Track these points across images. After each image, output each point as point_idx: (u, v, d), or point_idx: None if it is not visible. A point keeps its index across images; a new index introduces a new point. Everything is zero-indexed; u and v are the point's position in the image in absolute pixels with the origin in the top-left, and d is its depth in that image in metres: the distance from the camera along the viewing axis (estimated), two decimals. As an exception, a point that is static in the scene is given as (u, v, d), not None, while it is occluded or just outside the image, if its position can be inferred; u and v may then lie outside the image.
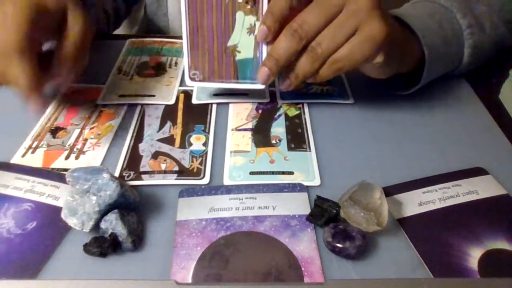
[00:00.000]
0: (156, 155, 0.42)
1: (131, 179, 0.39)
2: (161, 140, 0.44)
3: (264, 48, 0.42)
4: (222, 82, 0.45)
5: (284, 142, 0.43)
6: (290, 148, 0.43)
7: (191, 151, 0.43)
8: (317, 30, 0.38)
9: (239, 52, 0.43)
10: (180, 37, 0.62)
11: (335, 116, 0.47)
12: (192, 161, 0.41)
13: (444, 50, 0.46)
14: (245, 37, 0.42)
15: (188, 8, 0.42)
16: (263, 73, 0.41)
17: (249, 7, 0.41)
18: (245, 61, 0.43)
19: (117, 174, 0.40)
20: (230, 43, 0.43)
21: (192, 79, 0.45)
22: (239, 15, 0.41)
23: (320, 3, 0.38)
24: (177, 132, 0.45)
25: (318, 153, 0.42)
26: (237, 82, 0.45)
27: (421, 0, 0.51)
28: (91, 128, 0.45)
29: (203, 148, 0.43)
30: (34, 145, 0.43)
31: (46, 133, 0.45)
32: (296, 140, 0.44)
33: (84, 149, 0.43)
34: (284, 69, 0.41)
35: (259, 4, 0.40)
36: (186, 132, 0.45)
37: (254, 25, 0.42)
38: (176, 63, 0.57)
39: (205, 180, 0.39)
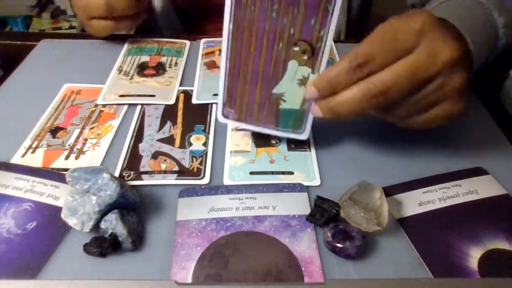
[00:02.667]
0: (156, 155, 0.42)
1: (131, 179, 0.39)
2: (161, 140, 0.44)
3: (314, 102, 0.37)
4: (259, 126, 0.41)
5: (284, 142, 0.43)
6: (290, 148, 0.43)
7: (191, 151, 0.43)
8: (401, 98, 0.34)
9: (284, 101, 0.39)
10: (180, 37, 0.63)
11: (335, 116, 0.47)
12: (192, 161, 0.41)
13: (485, 52, 0.44)
14: (294, 88, 0.38)
15: (231, 46, 0.37)
16: (314, 111, 0.37)
17: (305, 57, 0.36)
18: (289, 111, 0.39)
19: (117, 174, 0.40)
20: (275, 91, 0.38)
21: (225, 116, 0.41)
22: (292, 64, 0.37)
23: (411, 70, 0.32)
24: (177, 132, 0.45)
25: (318, 153, 0.42)
26: (277, 130, 0.41)
27: None
28: (91, 128, 0.45)
29: (203, 148, 0.43)
30: (34, 145, 0.43)
31: (46, 133, 0.45)
32: (296, 140, 0.44)
33: (84, 149, 0.43)
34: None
35: (317, 57, 0.36)
36: (186, 132, 0.45)
37: (308, 77, 0.37)
38: (176, 63, 0.57)
39: (205, 180, 0.39)
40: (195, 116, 0.47)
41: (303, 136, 0.41)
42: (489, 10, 0.45)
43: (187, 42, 0.62)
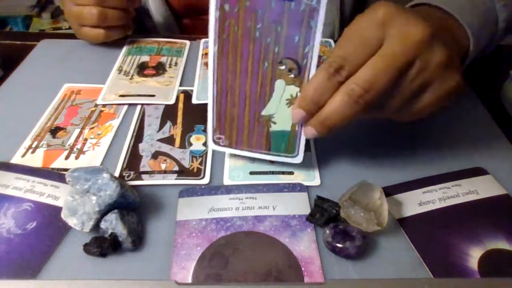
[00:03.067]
0: (156, 155, 0.42)
1: (131, 179, 0.39)
2: (161, 140, 0.44)
3: None
4: (251, 151, 0.39)
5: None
6: (290, 148, 0.43)
7: (191, 151, 0.43)
8: (385, 93, 0.33)
9: (274, 123, 0.37)
10: (180, 37, 0.63)
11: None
12: (192, 161, 0.41)
13: (480, 29, 0.42)
14: (283, 108, 0.36)
15: (217, 67, 0.36)
16: (307, 133, 0.36)
17: (292, 76, 0.35)
18: (280, 133, 0.38)
19: (117, 174, 0.40)
20: (264, 113, 0.37)
21: (216, 143, 0.40)
22: (279, 83, 0.35)
23: (388, 59, 0.32)
24: (177, 132, 0.45)
25: (318, 153, 0.42)
26: (269, 154, 0.39)
27: None
28: (91, 128, 0.45)
29: (203, 148, 0.43)
30: (34, 145, 0.43)
31: (46, 133, 0.45)
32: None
33: (84, 149, 0.43)
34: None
35: (304, 74, 0.35)
36: (186, 132, 0.45)
37: (296, 96, 0.36)
38: (176, 63, 0.57)
39: (205, 180, 0.39)
40: (195, 116, 0.47)
41: (297, 159, 0.39)
42: None
43: (187, 42, 0.62)
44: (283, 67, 0.35)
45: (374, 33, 0.32)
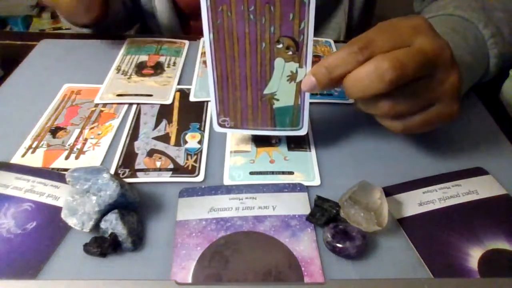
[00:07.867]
0: (151, 153, 0.42)
1: (126, 177, 0.39)
2: (157, 138, 0.44)
3: (307, 96, 0.38)
4: (256, 129, 0.41)
5: (284, 142, 0.43)
6: (290, 148, 0.43)
7: (186, 149, 0.43)
8: (408, 81, 0.33)
9: (277, 100, 0.38)
10: (179, 37, 0.63)
11: (335, 116, 0.47)
12: (187, 159, 0.41)
13: (473, 65, 0.44)
14: (284, 85, 0.37)
15: (215, 54, 0.36)
16: (307, 81, 0.36)
17: (290, 53, 0.35)
18: (284, 108, 0.39)
19: (112, 171, 0.40)
20: (267, 91, 0.38)
21: (221, 125, 0.41)
22: (279, 61, 0.36)
23: (419, 51, 0.32)
24: (173, 130, 0.45)
25: (318, 153, 0.42)
26: (274, 130, 0.41)
27: (438, 14, 0.48)
28: (91, 128, 0.45)
29: (198, 146, 0.43)
30: (34, 145, 0.43)
31: (46, 133, 0.45)
32: (296, 140, 0.44)
33: (84, 149, 0.43)
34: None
35: (302, 50, 0.35)
36: (181, 130, 0.45)
37: (296, 72, 0.36)
38: (174, 62, 0.57)
39: (200, 178, 0.39)
40: (191, 114, 0.47)
41: (302, 131, 0.40)
42: (473, 24, 0.45)
43: (186, 42, 0.62)
44: (280, 46, 0.35)
45: (406, 31, 0.33)
